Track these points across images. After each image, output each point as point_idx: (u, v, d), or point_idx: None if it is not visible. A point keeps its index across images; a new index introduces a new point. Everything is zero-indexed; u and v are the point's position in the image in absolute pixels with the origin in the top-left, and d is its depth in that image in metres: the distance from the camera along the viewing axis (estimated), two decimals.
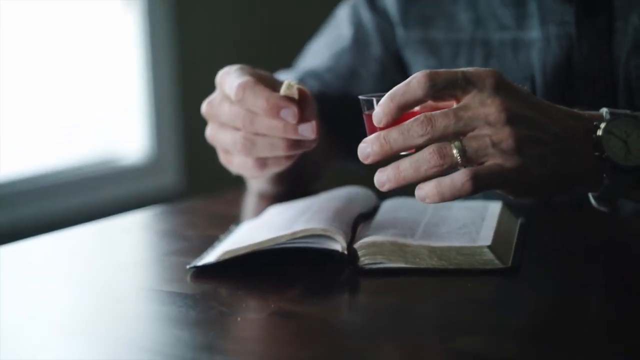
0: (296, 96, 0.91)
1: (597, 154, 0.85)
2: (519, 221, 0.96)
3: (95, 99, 2.38)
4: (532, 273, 0.85)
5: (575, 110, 0.87)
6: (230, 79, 0.93)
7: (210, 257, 0.88)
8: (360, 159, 0.84)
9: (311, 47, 1.33)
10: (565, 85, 1.08)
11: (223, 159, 1.00)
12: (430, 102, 0.84)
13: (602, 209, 0.89)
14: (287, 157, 0.95)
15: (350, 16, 1.28)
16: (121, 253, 1.01)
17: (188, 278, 0.86)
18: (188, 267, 0.87)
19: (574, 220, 1.00)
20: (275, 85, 0.93)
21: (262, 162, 0.95)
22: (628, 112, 0.87)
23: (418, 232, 0.88)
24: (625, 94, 1.05)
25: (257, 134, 0.92)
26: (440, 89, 0.82)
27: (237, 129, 0.94)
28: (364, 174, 1.23)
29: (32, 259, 0.97)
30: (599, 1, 1.06)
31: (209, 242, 0.95)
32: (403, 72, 1.24)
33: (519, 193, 0.84)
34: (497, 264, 0.83)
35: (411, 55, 1.22)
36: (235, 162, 0.98)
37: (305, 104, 0.92)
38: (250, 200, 1.20)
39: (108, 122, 2.41)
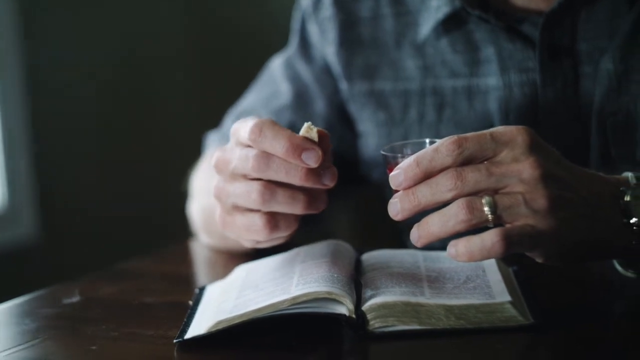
0: (316, 139, 0.81)
1: (625, 220, 0.80)
2: (511, 270, 0.90)
3: None
4: (553, 328, 0.78)
5: (601, 174, 0.82)
6: (246, 124, 0.82)
7: (198, 328, 0.78)
8: (391, 215, 0.78)
9: (241, 105, 1.21)
10: None
11: (222, 218, 0.85)
12: None
13: (629, 274, 0.85)
14: (296, 218, 0.83)
15: (285, 71, 1.19)
16: (78, 331, 0.85)
17: (175, 353, 0.76)
18: (175, 340, 0.77)
19: (563, 268, 0.95)
20: None
21: (273, 223, 0.82)
22: None
23: (425, 289, 0.81)
24: (598, 142, 1.01)
25: (273, 183, 0.81)
26: (470, 155, 0.76)
27: (249, 178, 0.82)
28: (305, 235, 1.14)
29: None
30: (563, 46, 1.02)
31: (178, 310, 0.85)
32: (349, 127, 1.16)
33: (548, 257, 0.79)
34: (521, 320, 0.77)
35: (357, 109, 1.14)
36: (239, 221, 0.83)
37: (325, 148, 0.81)
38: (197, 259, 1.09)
39: None
